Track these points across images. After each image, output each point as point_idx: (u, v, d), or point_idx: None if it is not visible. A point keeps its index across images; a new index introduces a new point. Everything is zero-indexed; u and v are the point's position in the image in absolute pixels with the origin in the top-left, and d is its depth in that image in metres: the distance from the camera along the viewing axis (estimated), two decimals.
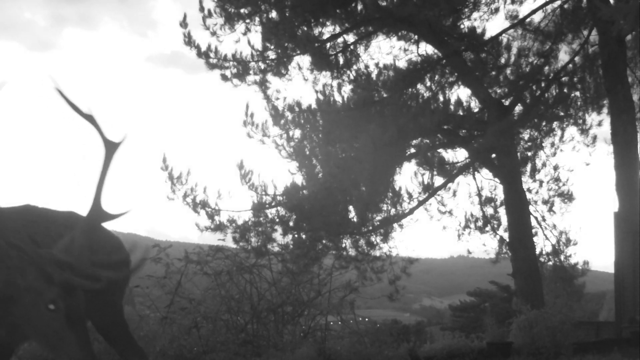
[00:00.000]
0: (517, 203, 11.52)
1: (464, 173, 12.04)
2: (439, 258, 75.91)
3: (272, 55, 11.19)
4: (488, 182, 12.17)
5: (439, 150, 12.04)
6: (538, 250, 11.91)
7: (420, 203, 11.04)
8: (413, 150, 11.91)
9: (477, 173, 12.21)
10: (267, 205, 10.60)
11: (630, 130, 11.29)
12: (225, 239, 10.18)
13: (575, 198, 12.25)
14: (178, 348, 7.67)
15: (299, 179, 10.95)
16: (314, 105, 11.26)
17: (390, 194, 11.02)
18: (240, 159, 10.41)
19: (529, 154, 12.44)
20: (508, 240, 11.61)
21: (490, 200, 12.15)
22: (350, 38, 11.71)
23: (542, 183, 12.27)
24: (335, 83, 11.53)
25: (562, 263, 12.13)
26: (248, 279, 9.15)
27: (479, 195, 12.13)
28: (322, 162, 11.08)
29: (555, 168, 12.36)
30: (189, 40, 11.09)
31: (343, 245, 11.02)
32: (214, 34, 11.11)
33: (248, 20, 11.14)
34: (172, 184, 10.25)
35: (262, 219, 10.52)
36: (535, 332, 8.17)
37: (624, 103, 11.33)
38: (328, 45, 11.45)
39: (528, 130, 12.39)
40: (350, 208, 11.08)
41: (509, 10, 11.94)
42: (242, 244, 10.17)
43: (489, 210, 12.14)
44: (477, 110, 12.11)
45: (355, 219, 11.04)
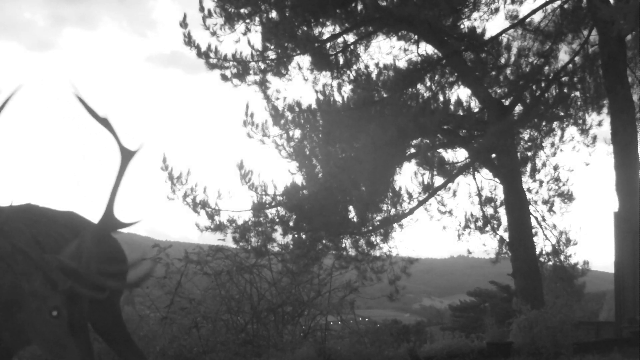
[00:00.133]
0: (517, 203, 11.52)
1: (464, 173, 12.03)
2: (439, 258, 76.01)
3: (272, 55, 11.20)
4: (488, 182, 12.19)
5: (439, 150, 12.04)
6: (538, 250, 11.92)
7: (420, 203, 11.04)
8: (413, 150, 11.90)
9: (477, 173, 12.22)
10: (267, 205, 10.60)
11: (630, 130, 11.28)
12: (225, 239, 10.19)
13: (575, 198, 12.28)
14: (178, 348, 7.67)
15: (299, 179, 10.97)
16: (314, 105, 11.26)
17: (390, 194, 11.01)
18: (240, 159, 10.43)
19: (529, 154, 12.45)
20: (508, 240, 11.61)
21: (490, 200, 12.15)
22: (350, 38, 11.72)
23: (542, 183, 12.28)
24: (335, 83, 11.55)
25: (562, 263, 12.13)
26: (248, 279, 9.16)
27: (479, 195, 12.14)
28: (322, 162, 11.08)
29: (555, 168, 12.36)
30: (189, 40, 11.11)
31: (343, 245, 11.03)
32: (214, 34, 11.12)
33: (248, 20, 11.14)
34: (172, 184, 10.25)
35: (262, 219, 10.52)
36: (535, 332, 8.16)
37: (624, 103, 11.32)
38: (328, 45, 11.45)
39: (528, 130, 12.40)
40: (350, 208, 11.08)
41: (509, 10, 11.95)
42: (242, 244, 10.18)
43: (489, 210, 12.15)
44: (477, 110, 12.11)
45: (355, 219, 11.04)
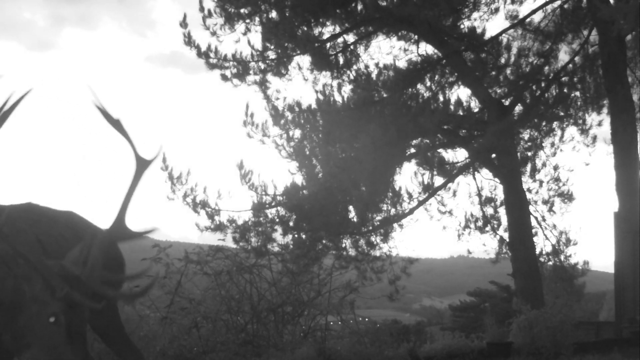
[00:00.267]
0: (517, 203, 11.51)
1: (464, 173, 12.03)
2: (439, 258, 76.01)
3: (272, 55, 11.20)
4: (488, 182, 12.18)
5: (439, 150, 12.03)
6: (538, 250, 11.91)
7: (420, 203, 11.03)
8: (413, 150, 11.90)
9: (477, 173, 12.21)
10: (267, 205, 10.60)
11: (630, 130, 11.28)
12: (225, 239, 10.19)
13: (575, 198, 12.26)
14: (178, 348, 7.68)
15: (299, 179, 10.97)
16: (314, 105, 11.26)
17: (390, 194, 11.01)
18: (240, 159, 10.43)
19: (529, 154, 12.44)
20: (508, 240, 11.61)
21: (490, 200, 12.14)
22: (350, 38, 11.72)
23: (542, 183, 12.27)
24: (335, 83, 11.55)
25: (562, 263, 12.13)
26: (248, 279, 9.16)
27: (479, 195, 12.13)
28: (322, 162, 11.08)
29: (555, 168, 12.36)
30: (189, 40, 11.11)
31: (343, 245, 11.03)
32: (214, 34, 11.12)
33: (248, 20, 11.14)
34: (172, 184, 10.25)
35: (262, 219, 10.52)
36: (535, 332, 8.16)
37: (624, 103, 11.32)
38: (328, 45, 11.45)
39: (528, 130, 12.40)
40: (350, 208, 11.08)
41: (509, 10, 11.95)
42: (242, 244, 10.18)
43: (489, 210, 12.15)
44: (477, 110, 12.11)
45: (355, 219, 11.04)
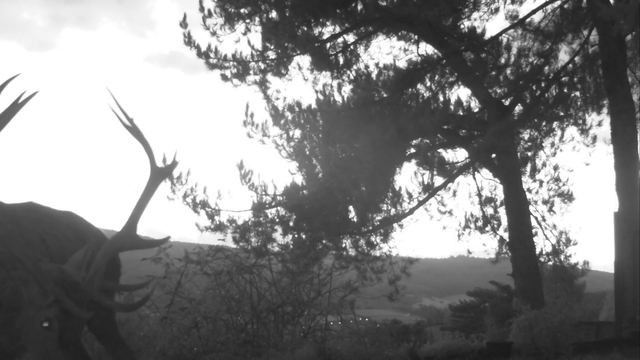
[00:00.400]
0: (517, 203, 11.52)
1: (464, 173, 12.03)
2: (439, 258, 76.11)
3: (272, 55, 11.21)
4: (488, 182, 12.20)
5: (439, 150, 12.04)
6: (538, 250, 11.92)
7: (420, 203, 11.04)
8: (413, 150, 11.90)
9: (477, 173, 12.22)
10: (267, 205, 10.60)
11: (630, 130, 11.28)
12: (225, 239, 10.21)
13: (575, 198, 12.28)
14: (178, 348, 7.68)
15: (299, 179, 10.98)
16: (314, 105, 11.27)
17: (390, 194, 11.01)
18: (240, 159, 10.45)
19: (529, 154, 12.45)
20: (508, 240, 11.61)
21: (490, 200, 12.15)
22: (350, 38, 11.72)
23: (542, 183, 12.28)
24: (335, 83, 11.56)
25: (562, 263, 12.13)
26: (248, 279, 9.17)
27: (479, 195, 12.14)
28: (322, 162, 11.08)
29: (555, 168, 12.37)
30: (189, 40, 11.11)
31: (343, 245, 11.04)
32: (214, 34, 11.13)
33: (248, 20, 11.15)
34: (172, 184, 10.25)
35: (262, 219, 10.53)
36: (535, 332, 8.15)
37: (624, 103, 11.32)
38: (328, 45, 11.45)
39: (528, 130, 12.40)
40: (350, 208, 11.08)
41: (509, 10, 11.94)
42: (242, 244, 10.19)
43: (489, 210, 12.16)
44: (477, 110, 12.11)
45: (355, 219, 11.04)
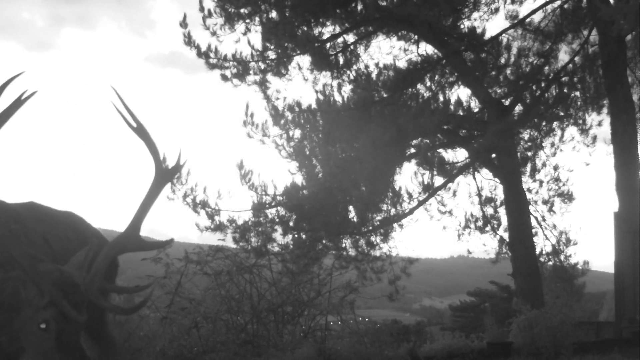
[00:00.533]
0: (517, 203, 11.51)
1: (464, 173, 12.03)
2: (439, 258, 76.07)
3: (272, 55, 11.21)
4: (488, 182, 12.20)
5: (439, 150, 12.04)
6: (538, 250, 11.92)
7: (420, 203, 11.04)
8: (413, 150, 11.91)
9: (477, 173, 12.22)
10: (267, 205, 10.61)
11: (630, 130, 11.28)
12: (225, 239, 10.22)
13: (575, 198, 12.28)
14: (178, 348, 7.68)
15: (299, 179, 10.99)
16: (314, 105, 11.27)
17: (390, 194, 11.02)
18: (240, 159, 10.47)
19: (529, 154, 12.45)
20: (508, 240, 11.61)
21: (490, 200, 12.15)
22: (350, 38, 11.73)
23: (542, 183, 12.28)
24: (335, 83, 11.56)
25: (562, 263, 12.13)
26: (248, 279, 9.17)
27: (479, 195, 12.14)
28: (322, 162, 11.08)
29: (555, 168, 12.37)
30: (189, 40, 11.12)
31: (343, 245, 11.04)
32: (214, 34, 11.13)
33: (248, 20, 11.15)
34: (172, 184, 10.25)
35: (262, 219, 10.53)
36: (535, 332, 8.15)
37: (624, 103, 11.32)
38: (328, 45, 11.46)
39: (528, 130, 12.40)
40: (350, 208, 11.09)
41: (509, 10, 11.95)
42: (242, 244, 10.20)
43: (489, 210, 12.15)
44: (477, 110, 12.12)
45: (355, 219, 11.04)
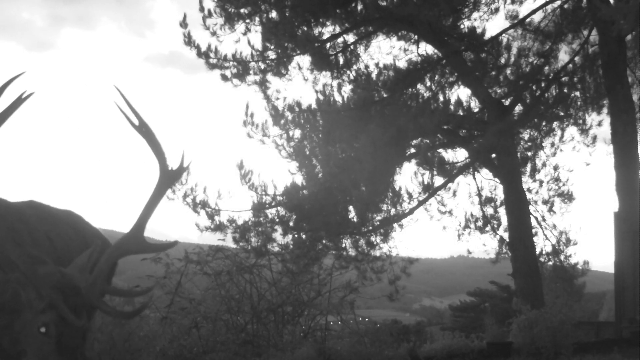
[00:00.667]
0: (517, 203, 11.51)
1: (464, 173, 12.03)
2: (439, 258, 76.06)
3: (272, 55, 11.22)
4: (488, 182, 12.20)
5: (439, 150, 12.05)
6: (538, 250, 11.91)
7: (420, 203, 11.04)
8: (413, 150, 11.91)
9: (477, 173, 12.22)
10: (267, 205, 10.61)
11: (630, 130, 11.28)
12: (225, 239, 10.22)
13: (575, 198, 12.27)
14: (178, 348, 7.68)
15: (299, 179, 10.99)
16: (314, 105, 11.28)
17: (390, 194, 11.02)
18: (240, 159, 10.48)
19: (529, 154, 12.45)
20: (508, 240, 11.61)
21: (490, 200, 12.15)
22: (350, 38, 11.74)
23: (542, 183, 12.28)
24: (335, 83, 11.57)
25: (562, 263, 12.13)
26: (248, 279, 9.17)
27: (479, 195, 12.14)
28: (322, 162, 11.08)
29: (555, 168, 12.36)
30: (189, 40, 11.12)
31: (343, 245, 11.05)
32: (214, 34, 11.14)
33: (248, 20, 11.16)
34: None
35: (262, 219, 10.54)
36: (535, 332, 8.16)
37: (624, 103, 11.32)
38: (328, 45, 11.46)
39: (528, 130, 12.40)
40: (350, 208, 11.09)
41: (509, 10, 11.95)
42: (242, 244, 10.20)
43: (489, 210, 12.15)
44: (477, 110, 12.12)
45: (355, 219, 11.04)
